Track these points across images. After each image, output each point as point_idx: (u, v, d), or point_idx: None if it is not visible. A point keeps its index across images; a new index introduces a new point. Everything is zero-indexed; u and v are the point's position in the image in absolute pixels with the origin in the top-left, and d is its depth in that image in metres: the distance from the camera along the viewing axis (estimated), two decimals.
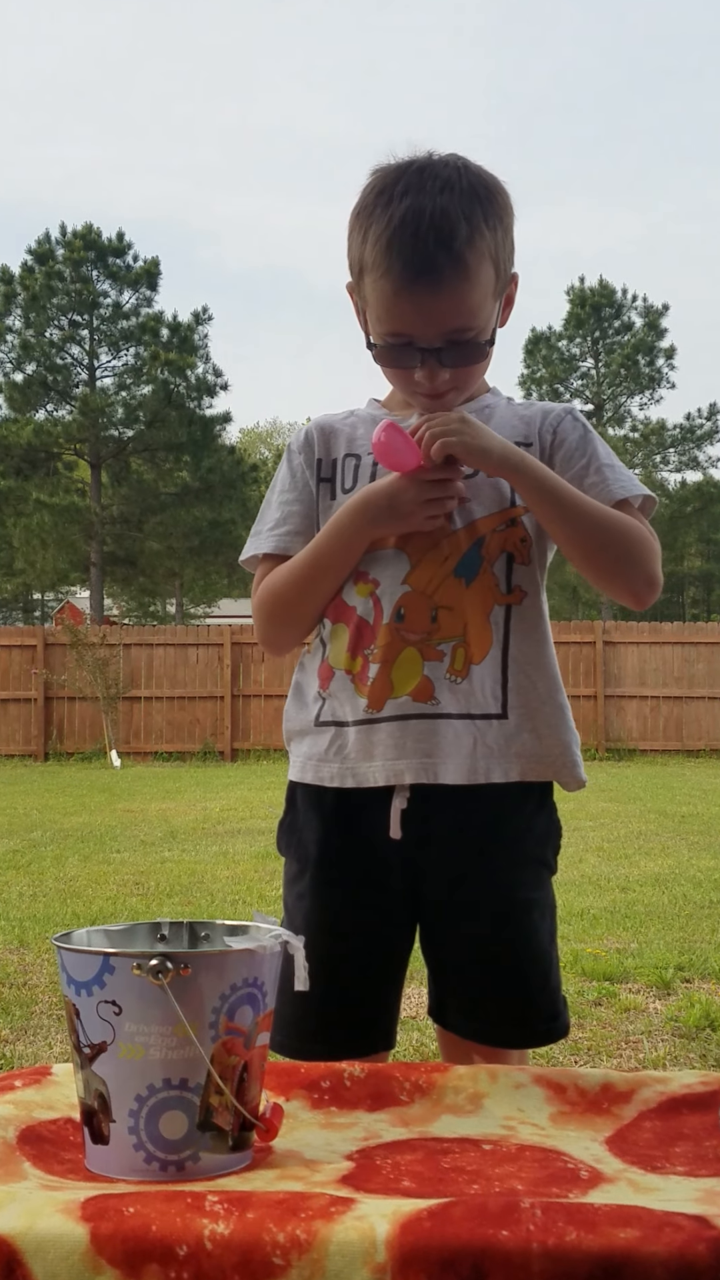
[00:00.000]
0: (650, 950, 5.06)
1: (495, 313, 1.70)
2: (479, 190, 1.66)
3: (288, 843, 1.81)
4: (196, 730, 18.28)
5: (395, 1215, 0.95)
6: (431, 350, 1.66)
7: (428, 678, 1.68)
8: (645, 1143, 1.27)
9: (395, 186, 1.64)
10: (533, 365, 36.17)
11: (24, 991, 4.47)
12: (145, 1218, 0.97)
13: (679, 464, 35.65)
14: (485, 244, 1.64)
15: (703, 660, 18.32)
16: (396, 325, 1.66)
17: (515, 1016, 1.71)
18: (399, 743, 1.68)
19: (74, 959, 1.23)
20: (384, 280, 1.63)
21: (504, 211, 1.69)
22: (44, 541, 28.30)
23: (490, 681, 1.69)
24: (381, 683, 1.69)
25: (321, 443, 1.83)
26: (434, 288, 1.61)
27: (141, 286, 30.75)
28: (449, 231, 1.60)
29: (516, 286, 1.76)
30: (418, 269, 1.60)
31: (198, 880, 6.91)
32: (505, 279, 1.71)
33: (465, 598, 1.69)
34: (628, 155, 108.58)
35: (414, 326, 1.65)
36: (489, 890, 1.70)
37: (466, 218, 1.61)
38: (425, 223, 1.60)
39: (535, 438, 1.76)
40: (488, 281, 1.65)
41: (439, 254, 1.59)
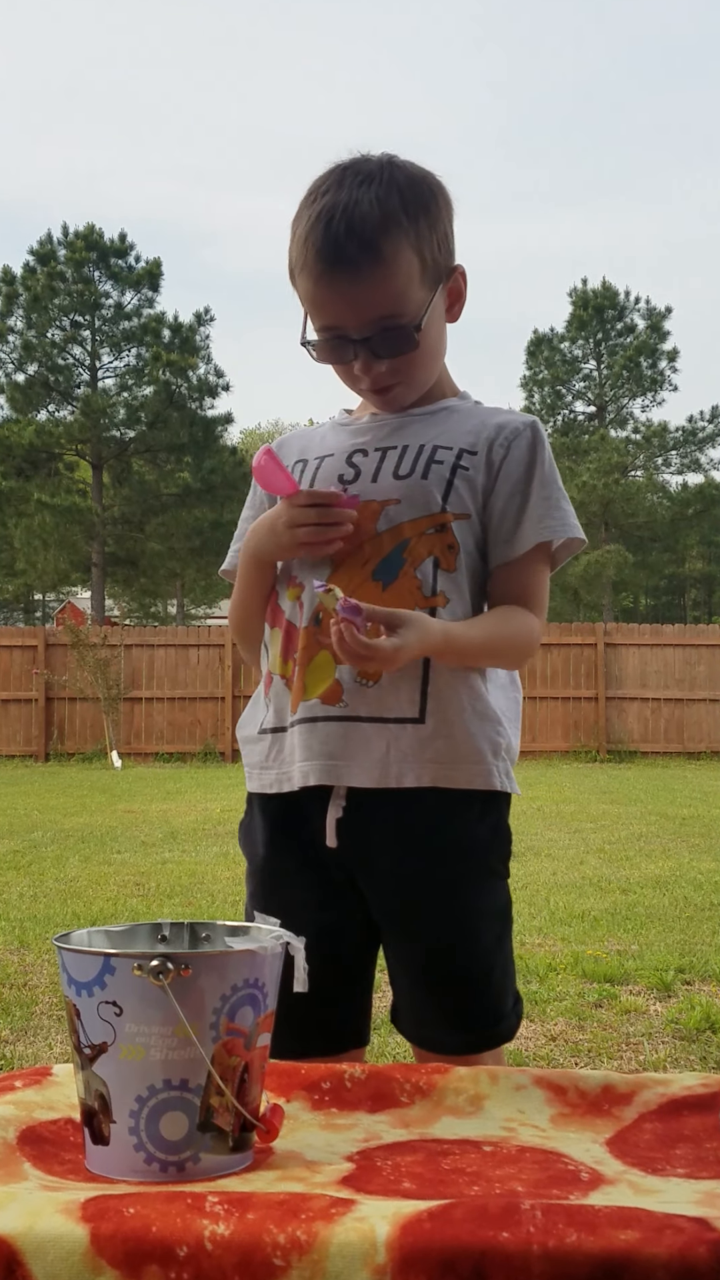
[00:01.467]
0: (651, 952, 5.05)
1: (428, 302, 1.69)
2: (399, 181, 1.68)
3: (244, 842, 1.84)
4: (197, 731, 18.28)
5: (396, 1216, 0.95)
6: (362, 340, 1.68)
7: (338, 681, 1.68)
8: (646, 1144, 1.27)
9: (320, 187, 1.68)
10: (535, 367, 36.16)
11: (24, 992, 4.47)
12: (145, 1218, 0.97)
13: (681, 466, 35.63)
14: (402, 231, 1.65)
15: (704, 662, 18.31)
16: (326, 318, 1.69)
17: (454, 1023, 1.70)
18: (307, 745, 1.70)
19: (75, 960, 1.23)
20: (306, 275, 1.67)
21: (429, 202, 1.70)
22: (45, 542, 28.29)
23: (407, 686, 1.67)
24: (298, 685, 1.71)
25: (280, 453, 1.86)
26: (350, 275, 1.64)
27: (143, 287, 30.76)
28: (360, 220, 1.63)
29: (464, 280, 1.77)
30: (330, 258, 1.63)
31: (198, 881, 6.91)
32: (439, 269, 1.71)
33: (381, 601, 1.66)
34: (631, 157, 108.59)
35: (341, 317, 1.67)
36: (427, 897, 1.68)
37: (381, 206, 1.64)
38: (338, 215, 1.64)
39: (483, 448, 1.74)
40: (408, 268, 1.66)
41: (350, 243, 1.62)
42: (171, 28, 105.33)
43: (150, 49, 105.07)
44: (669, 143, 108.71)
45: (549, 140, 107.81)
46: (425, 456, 1.73)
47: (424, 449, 1.73)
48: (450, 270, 1.74)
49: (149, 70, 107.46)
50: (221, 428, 30.79)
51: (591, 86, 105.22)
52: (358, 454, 1.76)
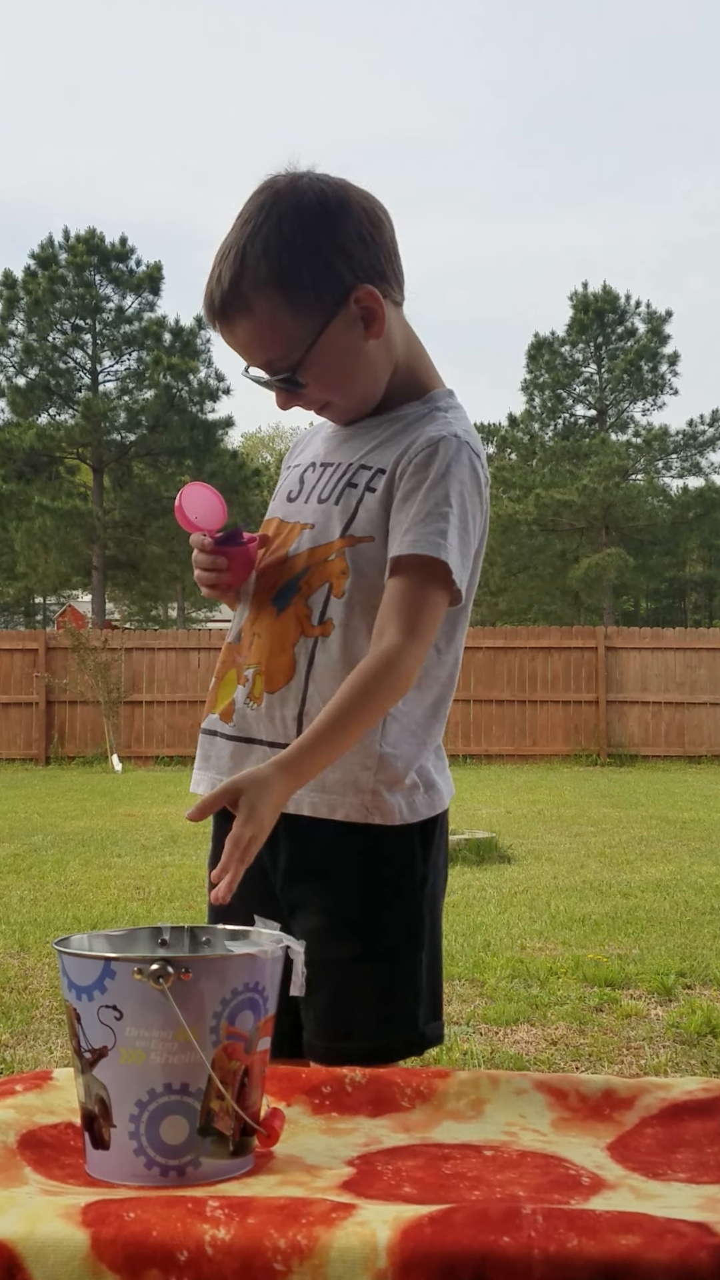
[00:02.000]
0: (652, 956, 5.05)
1: (316, 333, 1.64)
2: (278, 212, 1.64)
3: None
4: (198, 735, 18.25)
5: (396, 1221, 0.95)
6: (264, 382, 1.71)
7: (234, 700, 1.74)
8: (647, 1149, 1.27)
9: (235, 219, 1.70)
10: (535, 371, 36.17)
11: (24, 996, 4.47)
12: (146, 1223, 0.97)
13: (681, 470, 35.63)
14: (261, 271, 1.62)
15: (704, 666, 18.30)
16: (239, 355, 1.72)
17: (332, 1030, 1.65)
18: (206, 755, 1.77)
19: (75, 964, 1.22)
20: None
21: (315, 229, 1.64)
22: (46, 545, 28.30)
23: (285, 711, 1.67)
24: (211, 697, 1.79)
25: (289, 455, 1.93)
26: (227, 328, 1.68)
27: (144, 291, 30.77)
28: (225, 270, 1.65)
29: (374, 299, 1.66)
30: (210, 311, 1.69)
31: (199, 885, 6.90)
32: (325, 301, 1.64)
33: (273, 627, 1.71)
34: (631, 159, 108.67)
35: (244, 359, 1.71)
36: (326, 910, 1.66)
37: (242, 257, 1.63)
38: (215, 263, 1.67)
39: (391, 466, 1.69)
40: (277, 311, 1.63)
41: (217, 293, 1.66)
42: (171, 29, 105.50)
43: (150, 50, 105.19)
44: (669, 144, 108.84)
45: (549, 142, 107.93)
46: (345, 479, 1.72)
47: (348, 470, 1.73)
48: (344, 295, 1.65)
49: (149, 71, 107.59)
50: (222, 431, 30.80)
51: (592, 87, 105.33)
52: (311, 469, 1.80)
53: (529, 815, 10.61)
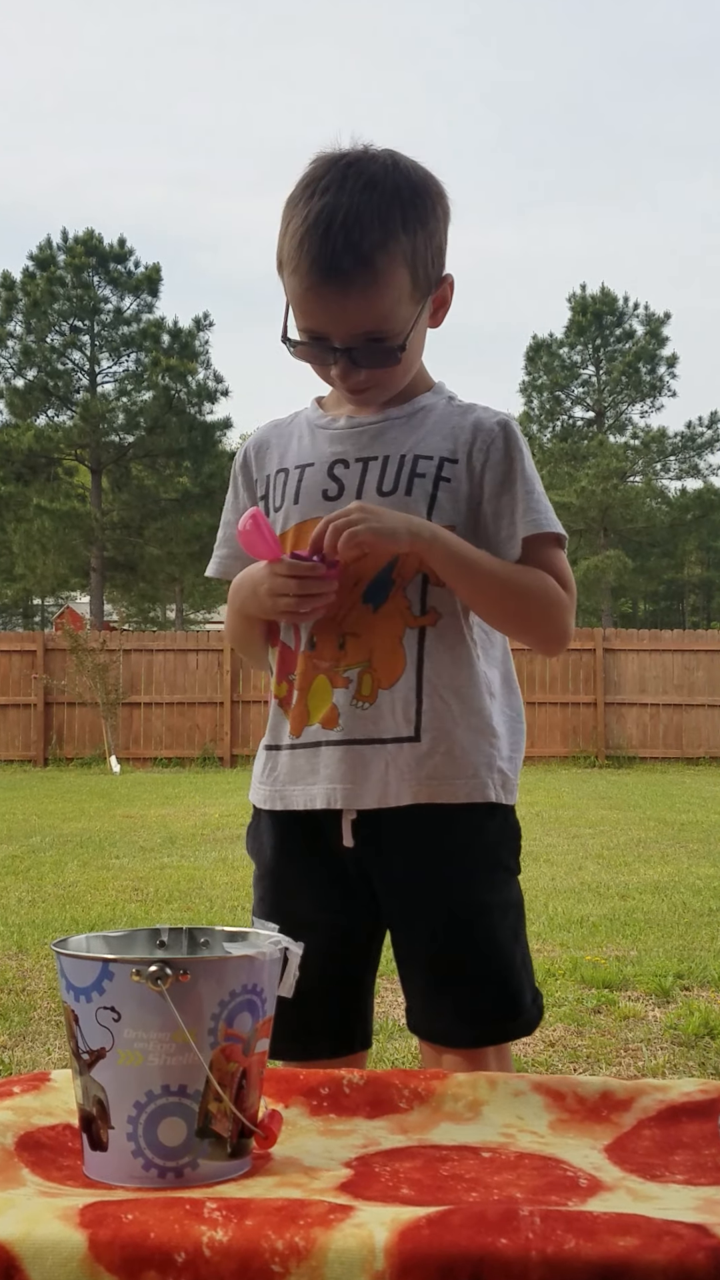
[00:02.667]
0: (650, 958, 5.05)
1: (414, 316, 1.67)
2: (403, 190, 1.63)
3: (252, 846, 1.85)
4: (196, 736, 18.27)
5: (394, 1223, 0.95)
6: (344, 350, 1.65)
7: (335, 705, 1.70)
8: (644, 1151, 1.27)
9: (320, 181, 1.62)
10: (534, 372, 36.20)
11: (22, 997, 4.47)
12: (144, 1224, 0.97)
13: (679, 472, 35.68)
14: (400, 248, 1.61)
15: (703, 668, 18.31)
16: (309, 322, 1.65)
17: (467, 1014, 1.69)
18: (313, 768, 1.72)
19: (73, 965, 1.22)
20: (295, 276, 1.63)
21: (429, 213, 1.66)
22: (44, 547, 28.31)
23: (401, 705, 1.68)
24: (300, 710, 1.74)
25: (257, 462, 1.86)
26: (341, 289, 1.60)
27: (143, 292, 30.81)
28: (359, 234, 1.58)
29: (452, 289, 1.74)
30: (324, 269, 1.59)
31: (197, 886, 6.90)
32: (429, 282, 1.68)
33: (373, 623, 1.68)
34: (631, 161, 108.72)
35: (325, 325, 1.64)
36: (440, 894, 1.70)
37: (382, 220, 1.59)
38: (337, 222, 1.58)
39: (464, 455, 1.72)
40: (401, 286, 1.63)
41: (346, 256, 1.58)
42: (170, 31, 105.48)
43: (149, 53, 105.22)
44: (669, 147, 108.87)
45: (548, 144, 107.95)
46: (407, 469, 1.71)
47: (405, 460, 1.72)
48: (440, 280, 1.72)
49: (148, 74, 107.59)
50: (220, 433, 30.82)
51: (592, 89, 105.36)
52: (339, 465, 1.75)
53: (527, 817, 10.61)
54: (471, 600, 1.69)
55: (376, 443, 1.74)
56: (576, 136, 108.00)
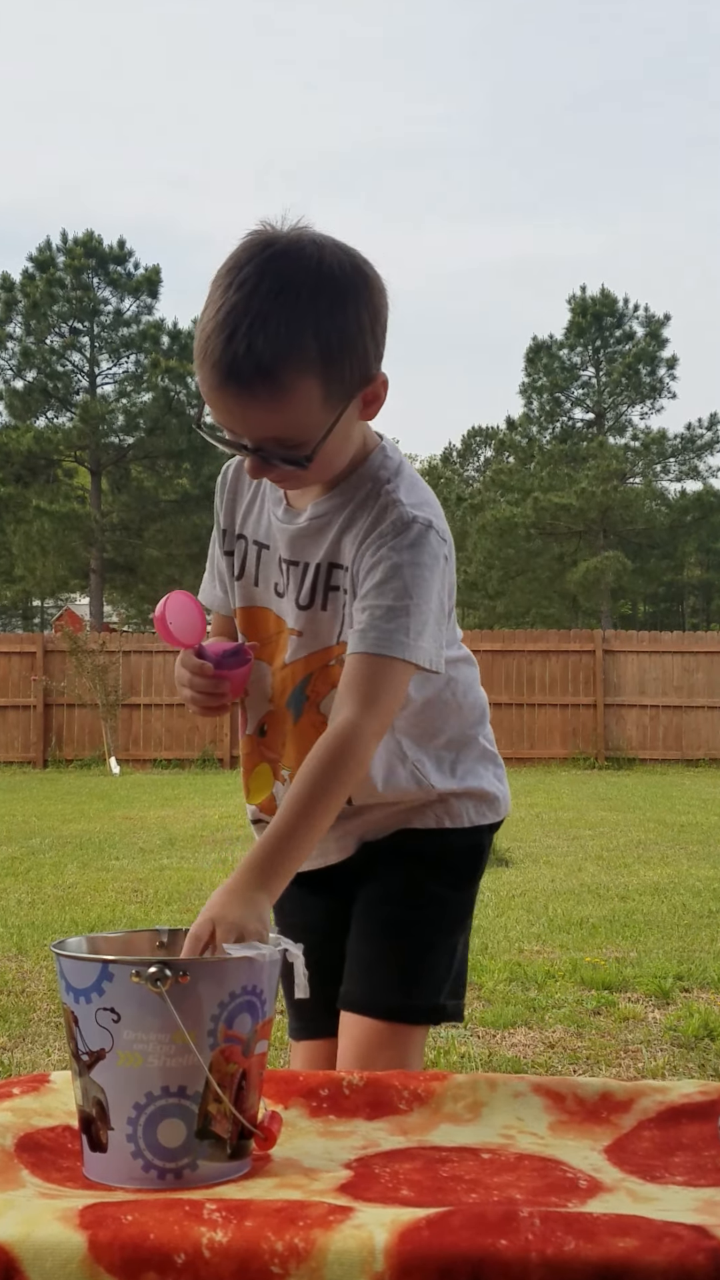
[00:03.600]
0: (649, 959, 5.05)
1: (329, 423, 1.55)
2: (323, 293, 1.50)
3: None
4: (196, 738, 18.27)
5: (394, 1224, 0.95)
6: (253, 449, 1.56)
7: (273, 795, 1.78)
8: (644, 1152, 1.27)
9: (240, 272, 1.50)
10: (534, 374, 36.21)
11: (22, 999, 4.47)
12: (143, 1226, 0.97)
13: (679, 473, 35.67)
14: (308, 359, 1.49)
15: (702, 669, 18.31)
16: (217, 419, 1.56)
17: (378, 984, 1.74)
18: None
19: (72, 966, 1.22)
20: (200, 374, 1.53)
21: (349, 318, 1.53)
22: (44, 548, 28.30)
23: None
24: (245, 784, 1.83)
25: (228, 508, 1.81)
26: (243, 397, 1.50)
27: (142, 294, 30.80)
28: (263, 343, 1.46)
29: (385, 388, 1.61)
30: (224, 375, 1.49)
31: (196, 888, 6.90)
32: (347, 387, 1.55)
33: (294, 733, 1.73)
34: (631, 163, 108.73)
35: (231, 425, 1.55)
36: (395, 870, 1.78)
37: (289, 329, 1.47)
38: (241, 330, 1.46)
39: (350, 562, 1.65)
40: (308, 397, 1.51)
41: (246, 365, 1.47)
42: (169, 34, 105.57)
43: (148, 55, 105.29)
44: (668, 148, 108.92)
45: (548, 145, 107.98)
46: (323, 583, 1.68)
47: (320, 571, 1.68)
48: (367, 380, 1.58)
49: (146, 76, 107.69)
50: None
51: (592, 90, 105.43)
52: (287, 564, 1.72)
53: (527, 818, 10.61)
54: None
55: (303, 548, 1.70)
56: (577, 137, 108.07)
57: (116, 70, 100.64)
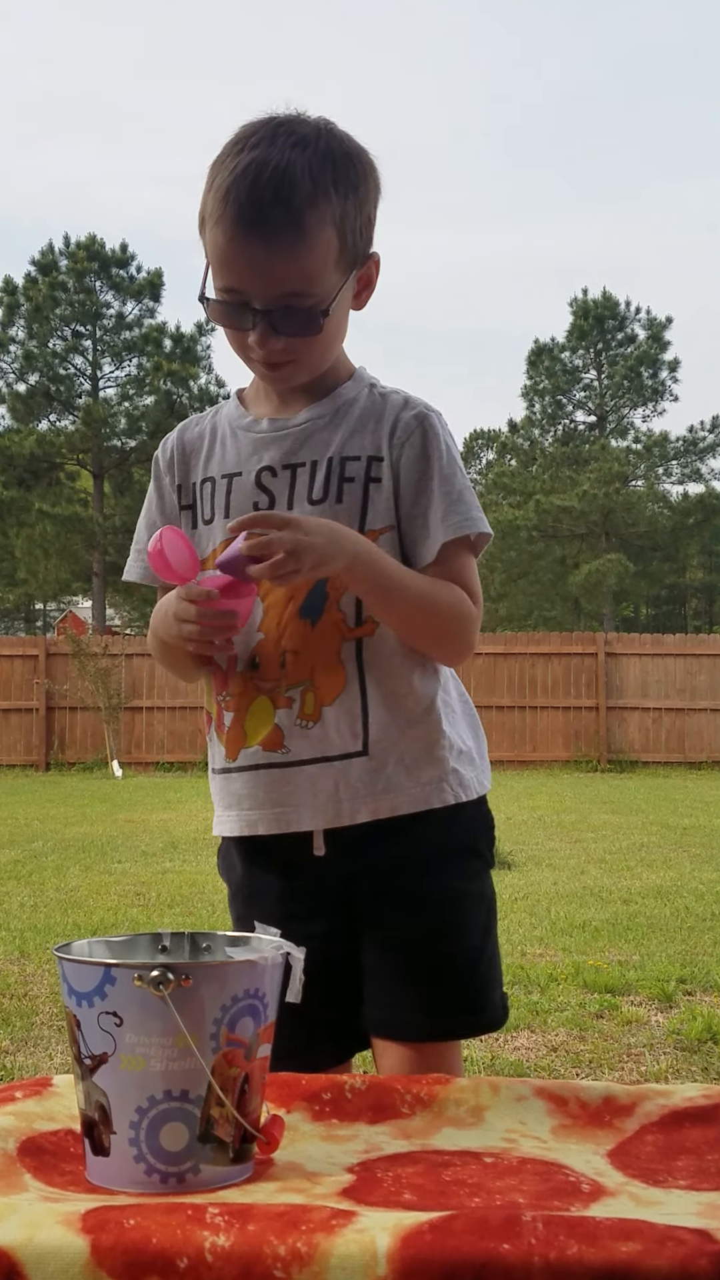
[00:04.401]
0: (652, 963, 5.05)
1: (340, 287, 1.60)
2: (335, 152, 1.58)
3: (221, 867, 1.83)
4: (198, 740, 18.26)
5: (396, 1228, 0.95)
6: (264, 312, 1.57)
7: (278, 726, 1.65)
8: (647, 1156, 1.27)
9: (250, 138, 1.56)
10: (536, 377, 36.23)
11: (25, 1002, 4.47)
12: (146, 1230, 0.97)
13: (681, 476, 35.70)
14: (330, 208, 1.55)
15: (705, 672, 18.31)
16: (230, 279, 1.57)
17: (428, 1006, 1.65)
18: (253, 793, 1.68)
19: (75, 970, 1.22)
20: (218, 229, 1.55)
21: (360, 181, 1.60)
22: (46, 551, 28.33)
23: (347, 720, 1.64)
24: (235, 733, 1.69)
25: (181, 465, 1.78)
26: (267, 242, 1.53)
27: (144, 297, 30.85)
28: (289, 189, 1.51)
29: (377, 268, 1.67)
30: (250, 219, 1.52)
31: (199, 891, 6.90)
32: (356, 253, 1.61)
33: (311, 639, 1.63)
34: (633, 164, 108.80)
35: (246, 282, 1.56)
36: (413, 883, 1.67)
37: (313, 177, 1.53)
38: (265, 175, 1.51)
39: (386, 451, 1.67)
40: (328, 247, 1.56)
41: (275, 209, 1.51)
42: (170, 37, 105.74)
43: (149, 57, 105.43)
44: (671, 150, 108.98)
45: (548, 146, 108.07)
46: (336, 475, 1.66)
47: (332, 464, 1.66)
48: (366, 256, 1.64)
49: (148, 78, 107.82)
50: None
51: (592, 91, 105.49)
52: (266, 473, 1.69)
53: (529, 821, 10.61)
54: (385, 619, 1.64)
55: (303, 447, 1.68)
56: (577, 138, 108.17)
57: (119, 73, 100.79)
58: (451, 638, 1.66)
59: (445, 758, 1.68)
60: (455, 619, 1.65)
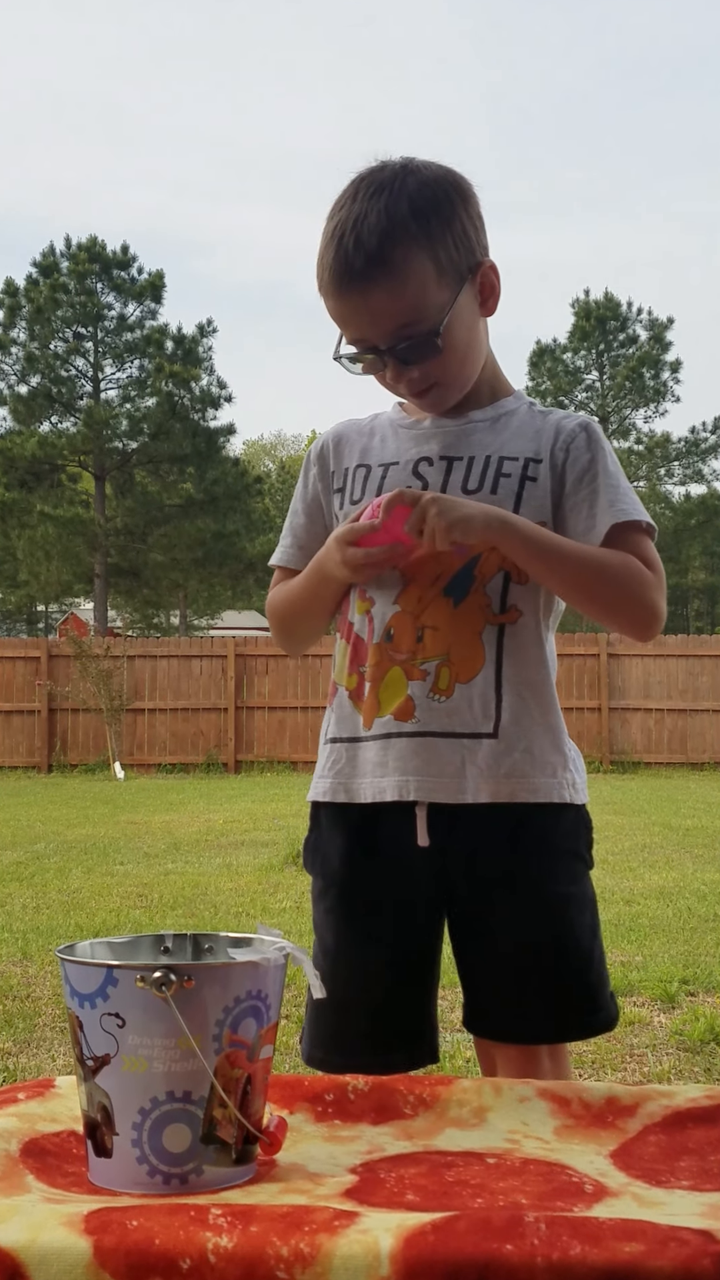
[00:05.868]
0: (655, 964, 5.04)
1: (450, 303, 1.68)
2: (409, 187, 1.67)
3: (312, 860, 1.81)
4: (200, 742, 18.27)
5: (399, 1229, 0.95)
6: (388, 351, 1.68)
7: (411, 697, 1.68)
8: (650, 1157, 1.27)
9: (338, 204, 1.69)
10: (537, 378, 36.22)
11: (27, 1004, 4.47)
12: (148, 1231, 0.97)
13: (683, 477, 35.69)
14: (410, 237, 1.64)
15: (707, 673, 18.30)
16: (350, 332, 1.70)
17: (549, 1010, 1.69)
18: (383, 761, 1.70)
19: (77, 971, 1.22)
20: (327, 295, 1.69)
21: (441, 201, 1.69)
22: (48, 553, 28.32)
23: (480, 701, 1.68)
24: (371, 701, 1.71)
25: (335, 453, 1.85)
26: (363, 290, 1.64)
27: (146, 299, 30.84)
28: (367, 233, 1.63)
29: (496, 275, 1.75)
30: (343, 276, 1.65)
31: (201, 892, 6.90)
32: (458, 266, 1.69)
33: (453, 618, 1.68)
34: (634, 166, 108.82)
35: (362, 330, 1.68)
36: (521, 887, 1.68)
37: (388, 216, 1.64)
38: (348, 230, 1.65)
39: (546, 454, 1.74)
40: (420, 274, 1.65)
41: (357, 256, 1.63)
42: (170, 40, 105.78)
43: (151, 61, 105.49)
44: (672, 150, 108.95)
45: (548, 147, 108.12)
46: (493, 469, 1.73)
47: (490, 461, 1.73)
48: (475, 266, 1.72)
49: (149, 81, 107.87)
50: (224, 439, 30.82)
51: (593, 92, 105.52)
52: (423, 463, 1.76)
53: None
54: (553, 583, 1.70)
55: (461, 443, 1.75)
56: (578, 140, 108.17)
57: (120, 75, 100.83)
58: (629, 600, 1.71)
59: (566, 757, 1.74)
60: (629, 581, 1.69)
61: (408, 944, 1.72)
